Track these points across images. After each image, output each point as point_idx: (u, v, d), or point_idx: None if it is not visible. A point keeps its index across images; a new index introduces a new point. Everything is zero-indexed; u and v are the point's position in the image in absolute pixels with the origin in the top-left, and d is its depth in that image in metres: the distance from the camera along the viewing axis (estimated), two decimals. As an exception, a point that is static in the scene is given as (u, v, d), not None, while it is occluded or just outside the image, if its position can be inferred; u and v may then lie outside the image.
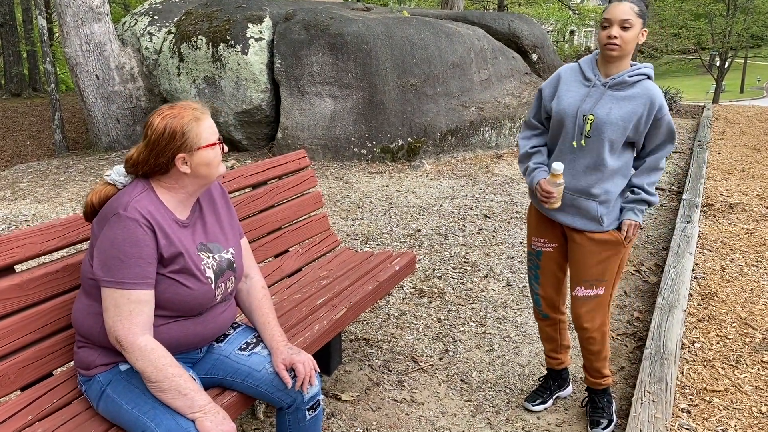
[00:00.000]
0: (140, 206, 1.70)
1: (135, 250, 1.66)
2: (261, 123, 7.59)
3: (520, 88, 8.48)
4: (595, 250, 2.36)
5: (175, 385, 1.65)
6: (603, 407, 2.59)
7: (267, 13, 7.71)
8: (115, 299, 1.66)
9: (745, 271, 4.16)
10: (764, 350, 3.16)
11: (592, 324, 2.45)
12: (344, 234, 4.92)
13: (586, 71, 2.33)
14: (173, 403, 1.66)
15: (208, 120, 1.78)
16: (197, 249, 1.81)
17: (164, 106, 1.78)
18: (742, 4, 24.09)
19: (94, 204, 1.79)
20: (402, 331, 3.41)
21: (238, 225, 2.04)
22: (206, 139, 1.76)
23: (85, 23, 7.80)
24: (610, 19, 2.18)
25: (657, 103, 2.23)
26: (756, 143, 8.67)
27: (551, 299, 2.60)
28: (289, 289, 2.80)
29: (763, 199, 5.83)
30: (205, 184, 1.82)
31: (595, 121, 2.24)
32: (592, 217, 2.33)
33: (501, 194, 6.08)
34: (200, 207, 1.91)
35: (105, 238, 1.67)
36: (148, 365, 1.65)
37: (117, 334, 1.66)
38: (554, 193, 2.27)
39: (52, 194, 6.07)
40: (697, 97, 32.57)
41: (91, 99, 8.06)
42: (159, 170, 1.76)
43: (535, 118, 2.48)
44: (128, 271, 1.65)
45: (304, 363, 1.89)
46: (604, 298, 2.43)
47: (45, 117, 12.42)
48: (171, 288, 1.72)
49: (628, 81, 2.24)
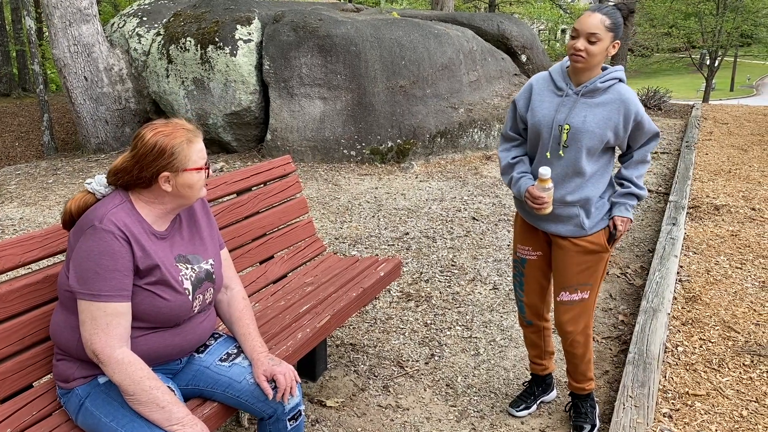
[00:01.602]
0: (116, 218, 1.69)
1: (111, 262, 1.66)
2: (250, 124, 7.58)
3: (510, 89, 8.50)
4: (579, 256, 2.38)
5: (152, 397, 1.66)
6: (586, 412, 2.61)
7: (256, 15, 7.70)
8: (91, 312, 1.66)
9: (729, 273, 4.20)
10: (746, 354, 3.19)
11: (575, 327, 2.47)
12: (332, 237, 4.92)
13: (557, 80, 2.32)
14: (151, 416, 1.66)
15: (199, 143, 1.78)
16: (175, 260, 1.81)
17: (158, 122, 1.78)
18: (731, 3, 24.21)
19: (72, 212, 1.79)
20: (388, 336, 3.42)
21: (218, 235, 2.04)
22: (194, 162, 1.76)
23: (73, 24, 7.76)
24: (579, 30, 2.16)
25: (632, 108, 2.25)
26: (743, 144, 8.73)
27: (535, 307, 2.62)
28: (273, 296, 2.80)
29: (749, 201, 5.87)
30: (184, 204, 1.83)
31: (571, 131, 2.25)
32: (575, 223, 2.35)
33: (489, 196, 6.10)
34: (180, 219, 1.91)
35: (81, 251, 1.67)
36: (125, 378, 1.65)
37: (94, 347, 1.66)
38: (545, 197, 2.26)
39: (39, 197, 6.05)
40: (688, 95, 32.75)
41: (80, 100, 8.03)
42: (141, 184, 1.76)
43: (512, 130, 2.48)
44: (104, 283, 1.65)
45: (285, 374, 1.90)
46: (589, 301, 2.45)
47: (34, 118, 12.36)
48: (147, 299, 1.72)
49: (601, 87, 2.24)
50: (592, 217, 2.35)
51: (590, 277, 2.41)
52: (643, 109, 2.29)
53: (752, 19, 25.12)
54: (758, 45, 31.35)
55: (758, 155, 7.96)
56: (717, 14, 24.52)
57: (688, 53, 28.41)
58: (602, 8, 2.18)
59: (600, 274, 2.43)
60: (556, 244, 2.43)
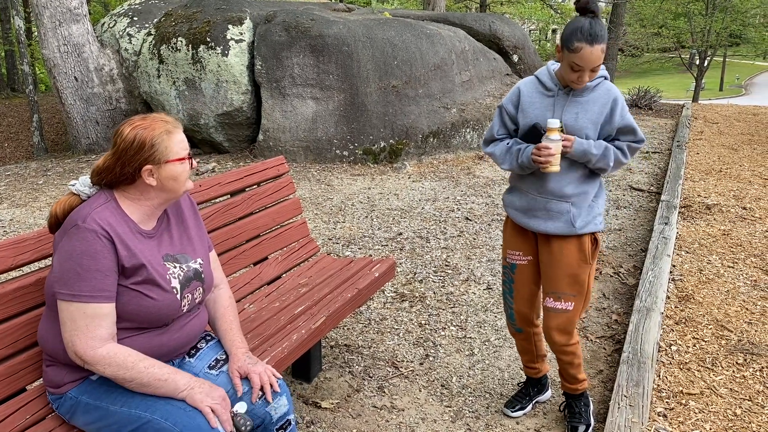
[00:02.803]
0: (99, 217, 1.67)
1: (92, 262, 1.63)
2: (242, 125, 7.55)
3: (502, 89, 8.51)
4: (567, 258, 2.37)
5: (151, 375, 1.66)
6: (580, 411, 2.62)
7: (247, 15, 7.67)
8: (71, 312, 1.63)
9: (721, 272, 4.22)
10: (739, 352, 3.20)
11: (561, 338, 2.46)
12: (326, 238, 4.91)
13: (546, 82, 2.33)
14: (158, 392, 1.67)
15: (179, 134, 1.77)
16: (163, 259, 1.79)
17: (136, 117, 1.76)
18: (720, 4, 24.36)
19: (58, 215, 1.76)
20: (383, 337, 3.42)
21: (206, 237, 2.02)
22: (176, 153, 1.74)
23: (63, 24, 7.71)
24: (582, 66, 2.13)
25: (620, 101, 2.28)
26: (733, 143, 8.78)
27: (525, 314, 2.60)
28: (268, 297, 2.79)
29: (740, 200, 5.91)
30: (171, 198, 1.81)
31: (564, 128, 2.27)
32: (565, 219, 2.34)
33: (482, 196, 6.10)
34: (168, 218, 1.89)
35: (62, 251, 1.65)
36: (118, 368, 1.64)
37: (75, 348, 1.64)
38: (552, 149, 2.17)
39: (29, 198, 6.00)
40: (678, 95, 32.94)
41: (70, 101, 7.98)
42: (124, 180, 1.74)
43: (500, 133, 2.46)
44: (84, 283, 1.63)
45: (260, 374, 1.86)
46: (573, 314, 2.43)
47: (24, 118, 12.26)
48: (134, 300, 1.70)
49: (589, 86, 2.27)
50: (583, 216, 2.35)
51: (575, 287, 2.39)
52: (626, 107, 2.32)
53: (741, 19, 25.29)
54: (747, 45, 31.57)
55: (748, 155, 8.02)
56: (706, 14, 24.67)
57: (678, 53, 28.55)
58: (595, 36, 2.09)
59: (585, 287, 2.41)
60: (545, 247, 2.43)
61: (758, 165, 7.42)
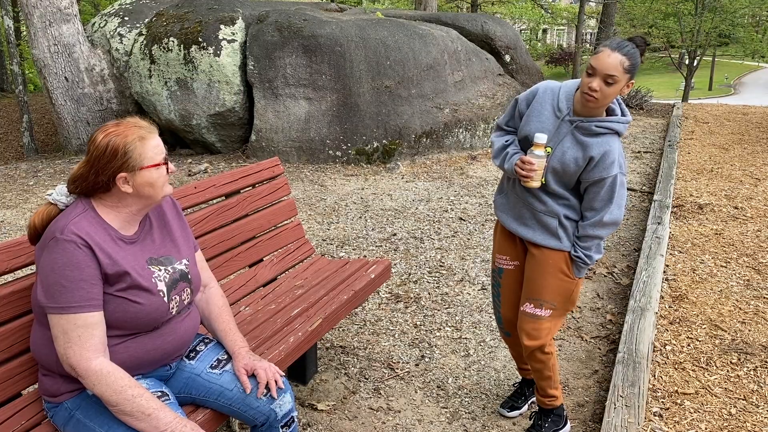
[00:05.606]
0: (77, 228, 1.65)
1: (76, 272, 1.61)
2: (234, 125, 7.52)
3: (494, 89, 8.53)
4: (550, 268, 2.34)
5: (136, 406, 1.62)
6: (541, 426, 2.58)
7: (239, 15, 7.64)
8: (62, 326, 1.62)
9: (714, 272, 4.24)
10: (733, 352, 3.22)
11: (529, 343, 2.40)
12: (320, 239, 4.90)
13: (560, 101, 2.24)
14: (139, 426, 1.63)
15: (154, 139, 1.73)
16: (147, 263, 1.77)
17: (110, 123, 1.73)
18: (710, 4, 24.50)
19: (36, 226, 1.73)
20: (378, 338, 3.41)
21: (191, 237, 2.01)
22: (150, 159, 1.71)
23: (53, 24, 7.65)
24: (596, 68, 2.06)
25: (612, 169, 2.17)
26: (724, 143, 8.84)
27: (511, 319, 2.59)
28: (263, 299, 2.78)
29: (731, 200, 5.94)
30: (149, 204, 1.78)
31: (551, 155, 2.23)
32: (552, 233, 2.32)
33: (475, 196, 6.11)
34: (150, 221, 1.87)
35: (45, 265, 1.63)
36: (106, 389, 1.61)
37: (70, 361, 1.62)
38: (534, 164, 2.15)
39: (20, 200, 5.95)
40: (668, 94, 33.10)
41: (60, 101, 7.92)
42: (100, 188, 1.71)
43: (507, 125, 2.44)
44: (71, 295, 1.61)
45: (266, 369, 1.89)
46: (548, 323, 2.39)
47: (13, 118, 12.17)
48: (120, 307, 1.69)
49: (594, 130, 2.18)
50: (570, 235, 2.33)
51: (556, 297, 2.35)
52: (620, 171, 2.20)
53: (730, 19, 25.43)
54: (736, 45, 31.76)
55: (739, 154, 8.07)
56: (696, 14, 24.81)
57: (668, 53, 28.69)
58: (623, 46, 2.06)
59: (566, 300, 2.37)
60: (531, 254, 2.40)
61: (749, 164, 7.47)
